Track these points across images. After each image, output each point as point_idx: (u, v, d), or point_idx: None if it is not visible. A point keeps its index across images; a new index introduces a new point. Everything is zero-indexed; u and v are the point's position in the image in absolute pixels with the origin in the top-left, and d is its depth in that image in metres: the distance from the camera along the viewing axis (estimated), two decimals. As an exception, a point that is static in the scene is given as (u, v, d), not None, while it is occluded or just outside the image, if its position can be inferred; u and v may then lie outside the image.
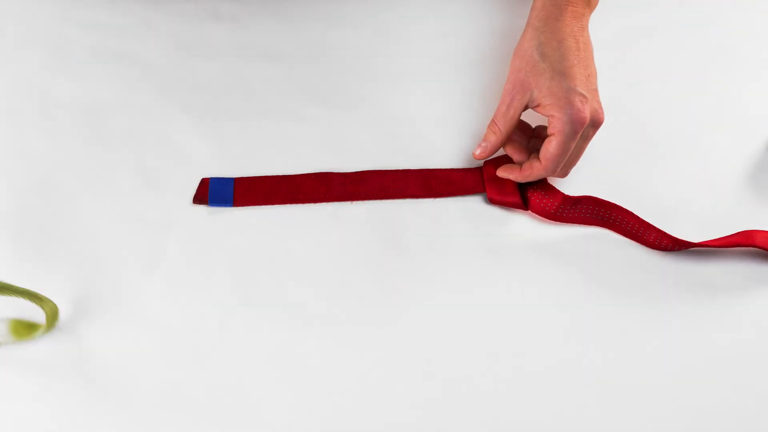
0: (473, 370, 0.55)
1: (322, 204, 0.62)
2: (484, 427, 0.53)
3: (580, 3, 0.61)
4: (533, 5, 0.62)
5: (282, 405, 0.54)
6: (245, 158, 0.64)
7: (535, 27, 0.61)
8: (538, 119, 0.66)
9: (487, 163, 0.63)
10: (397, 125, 0.66)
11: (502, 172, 0.62)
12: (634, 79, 0.68)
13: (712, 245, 0.59)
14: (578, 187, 0.63)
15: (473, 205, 0.63)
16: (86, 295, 0.58)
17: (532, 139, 0.64)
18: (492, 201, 0.62)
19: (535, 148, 0.63)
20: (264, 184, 0.62)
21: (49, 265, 0.58)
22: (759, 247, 0.59)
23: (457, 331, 0.57)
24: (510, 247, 0.61)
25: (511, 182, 0.62)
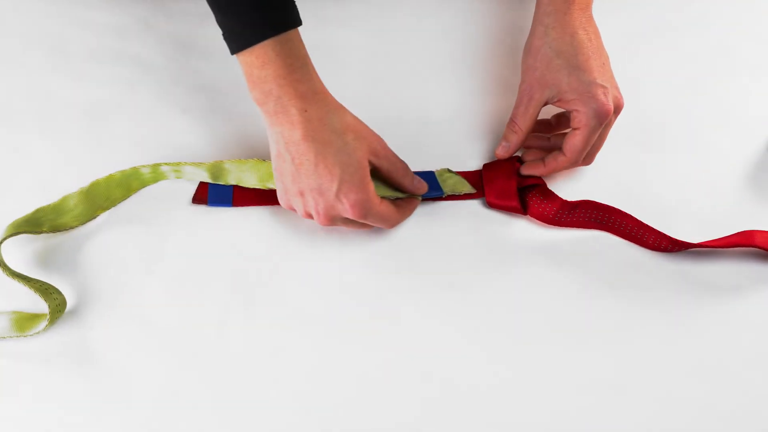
0: (472, 370, 0.55)
1: None
2: (484, 428, 0.53)
3: None
4: (539, 2, 0.62)
5: (282, 405, 0.54)
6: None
7: (545, 24, 0.60)
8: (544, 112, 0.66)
9: (486, 166, 0.63)
10: (398, 126, 0.66)
11: (527, 170, 0.62)
12: (634, 79, 0.68)
13: (711, 246, 0.59)
14: (578, 187, 0.63)
15: (472, 207, 0.62)
16: (86, 295, 0.58)
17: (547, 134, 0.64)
18: (491, 205, 0.62)
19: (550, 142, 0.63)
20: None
21: (49, 264, 0.58)
22: (759, 247, 0.58)
23: (457, 331, 0.57)
24: (509, 249, 0.61)
25: (510, 187, 0.62)
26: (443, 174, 0.63)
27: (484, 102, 0.68)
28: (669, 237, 0.59)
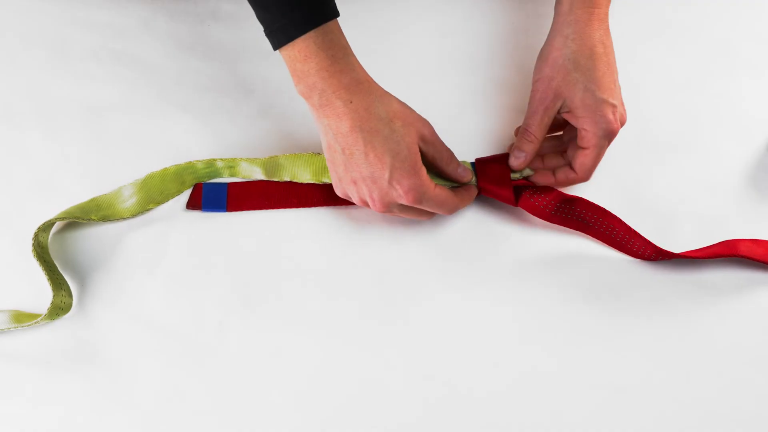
0: (471, 371, 0.55)
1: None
2: (482, 428, 0.53)
3: (604, 4, 0.60)
4: (559, 9, 0.61)
5: (282, 405, 0.54)
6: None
7: (565, 34, 0.59)
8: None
9: (479, 159, 0.62)
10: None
11: (538, 179, 0.61)
12: (634, 79, 0.68)
13: (695, 256, 0.59)
14: (579, 186, 0.63)
15: (471, 209, 0.63)
16: (86, 295, 0.58)
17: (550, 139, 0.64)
18: (482, 190, 0.61)
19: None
20: (257, 189, 0.62)
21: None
22: (743, 256, 0.58)
23: (456, 331, 0.57)
24: (503, 251, 0.61)
25: (505, 175, 0.61)
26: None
27: (484, 102, 0.68)
28: (654, 245, 0.59)
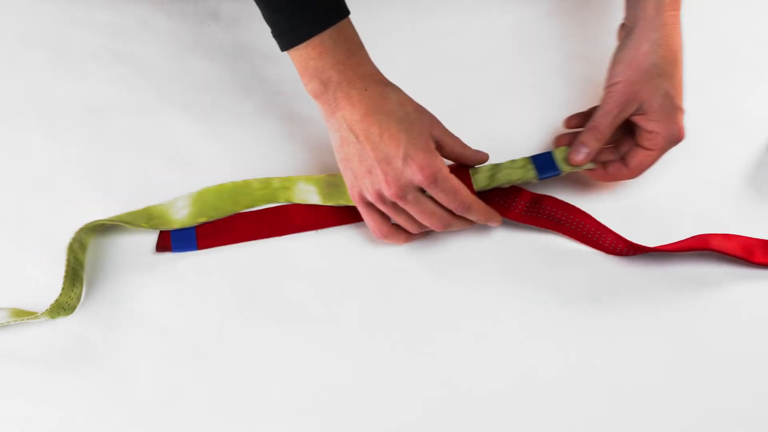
0: (471, 371, 0.55)
1: None
2: (482, 428, 0.53)
3: (678, 6, 0.60)
4: (643, 14, 0.59)
5: (282, 405, 0.54)
6: (245, 158, 0.64)
7: (651, 39, 0.58)
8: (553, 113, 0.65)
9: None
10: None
11: (592, 173, 0.61)
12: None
13: (667, 250, 0.59)
14: (579, 186, 0.63)
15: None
16: (86, 295, 0.58)
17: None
18: None
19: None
20: (225, 225, 0.61)
21: (49, 264, 0.58)
22: (715, 250, 0.58)
23: (456, 332, 0.57)
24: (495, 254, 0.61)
25: (467, 181, 0.59)
26: (561, 152, 0.61)
27: (483, 102, 0.68)
28: (626, 240, 0.59)
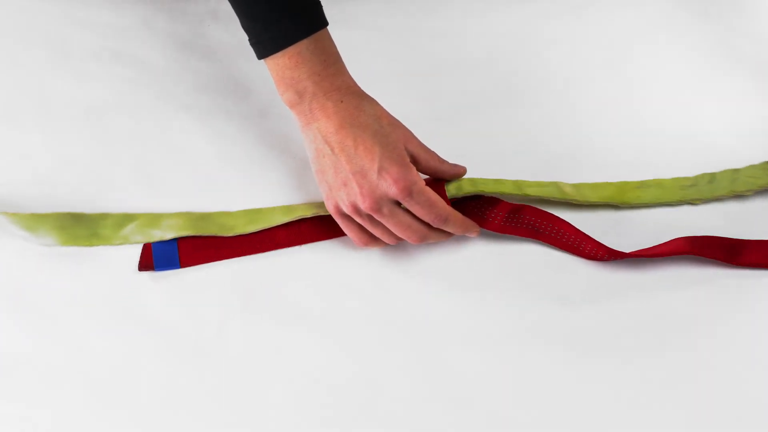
0: (471, 371, 0.56)
1: None
2: (482, 428, 0.53)
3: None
4: None
5: (282, 406, 0.54)
6: (245, 158, 0.64)
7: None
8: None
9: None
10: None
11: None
12: (634, 79, 0.68)
13: (645, 255, 0.59)
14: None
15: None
16: (86, 295, 0.58)
17: None
18: None
19: None
20: (208, 242, 0.60)
21: (49, 264, 0.58)
22: (690, 254, 0.58)
23: (456, 332, 0.57)
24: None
25: (442, 193, 0.59)
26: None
27: (484, 102, 0.68)
28: (605, 247, 0.59)
